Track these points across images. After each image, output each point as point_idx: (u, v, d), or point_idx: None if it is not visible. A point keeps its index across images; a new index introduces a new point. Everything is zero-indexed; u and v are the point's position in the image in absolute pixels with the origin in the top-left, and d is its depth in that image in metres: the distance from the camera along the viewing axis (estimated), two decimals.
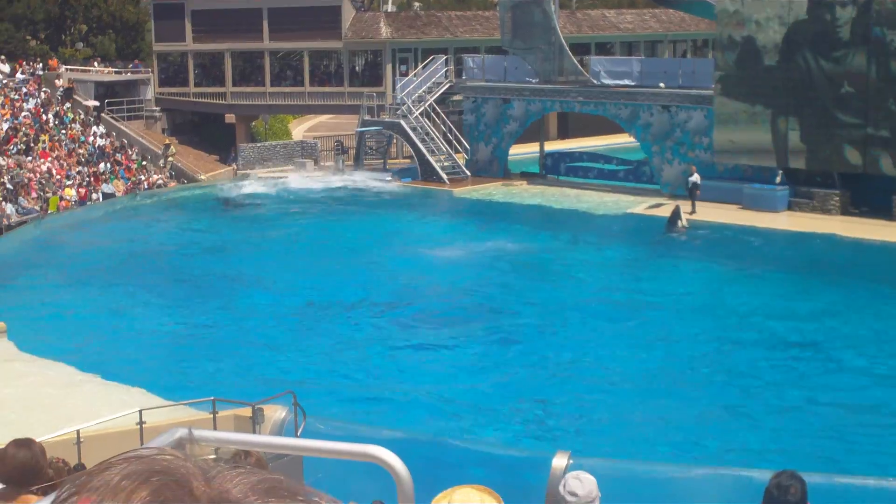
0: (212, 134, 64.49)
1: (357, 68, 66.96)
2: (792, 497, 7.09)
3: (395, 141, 58.19)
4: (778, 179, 45.32)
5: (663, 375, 26.13)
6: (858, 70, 42.91)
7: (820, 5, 43.73)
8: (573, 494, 7.27)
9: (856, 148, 43.10)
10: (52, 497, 1.54)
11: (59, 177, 52.33)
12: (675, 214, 42.58)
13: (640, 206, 46.98)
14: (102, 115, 60.41)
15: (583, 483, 7.32)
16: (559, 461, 9.47)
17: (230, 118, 66.46)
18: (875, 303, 32.43)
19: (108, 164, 55.74)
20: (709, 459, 20.03)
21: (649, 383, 25.51)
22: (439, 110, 55.77)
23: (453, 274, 36.94)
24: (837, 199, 44.13)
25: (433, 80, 56.53)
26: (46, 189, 50.40)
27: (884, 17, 42.31)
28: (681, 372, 26.52)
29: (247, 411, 16.93)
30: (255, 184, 54.40)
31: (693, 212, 44.08)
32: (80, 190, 51.74)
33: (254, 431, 16.04)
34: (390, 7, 79.53)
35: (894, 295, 33.06)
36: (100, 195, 52.11)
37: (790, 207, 44.85)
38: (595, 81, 51.88)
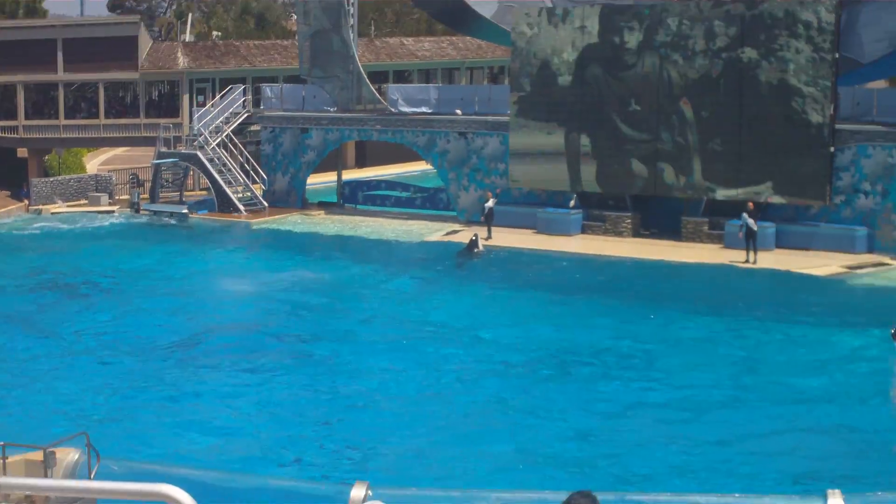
0: (2, 169, 62.88)
1: (154, 99, 66.25)
2: None
3: (191, 172, 57.57)
4: (571, 203, 46.35)
5: (454, 402, 26.33)
6: (645, 90, 44.37)
7: (610, 29, 45.04)
8: None
9: (645, 166, 44.50)
10: None
11: None
12: (473, 243, 43.15)
13: (437, 233, 47.39)
14: None
15: None
16: (357, 492, 9.54)
17: (22, 152, 64.87)
18: (660, 320, 33.60)
19: None
20: (505, 483, 20.41)
21: (441, 411, 25.68)
22: (237, 141, 55.41)
23: (247, 306, 36.68)
24: (629, 221, 45.35)
25: (231, 110, 56.15)
26: None
27: (667, 39, 43.84)
28: (471, 397, 26.74)
29: (38, 455, 16.62)
30: (46, 220, 53.29)
31: (489, 237, 44.76)
32: None
33: (45, 476, 15.78)
34: (188, 36, 78.92)
35: (677, 313, 34.29)
36: None
37: (584, 231, 45.91)
38: (393, 109, 52.21)
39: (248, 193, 53.50)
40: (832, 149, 41.64)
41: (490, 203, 45.85)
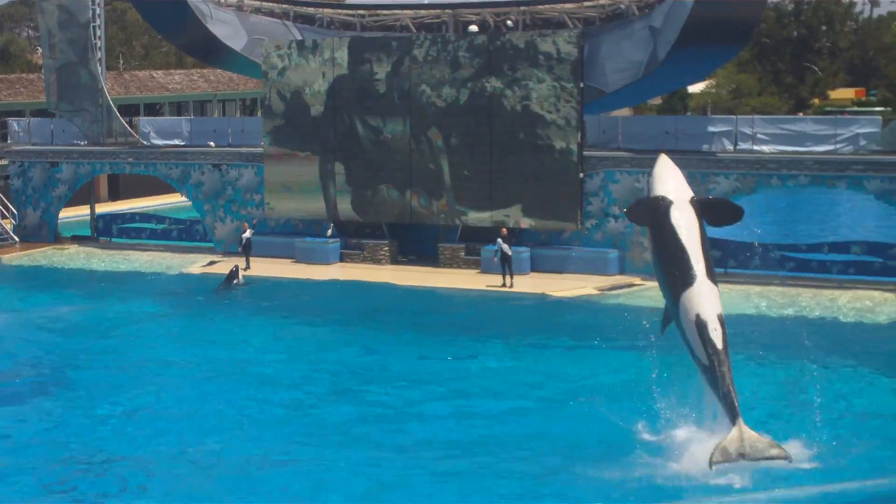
0: None
1: None
2: None
3: None
4: (329, 233, 46.64)
5: (217, 429, 26.18)
6: (396, 121, 45.05)
7: (359, 60, 45.56)
8: None
9: (399, 194, 45.13)
10: None
11: None
12: (232, 274, 42.95)
13: (194, 264, 47.01)
14: None
15: None
16: None
17: None
18: (416, 343, 34.34)
19: None
20: None
21: (207, 442, 25.45)
22: None
23: None
24: (387, 249, 45.85)
25: None
26: None
27: (415, 70, 44.59)
28: (233, 435, 26.52)
29: None
30: None
31: (247, 268, 44.65)
32: None
33: None
34: None
35: (437, 339, 34.91)
36: None
37: (342, 259, 46.24)
38: (145, 142, 51.65)
39: None
40: (581, 175, 42.93)
41: (247, 234, 45.75)
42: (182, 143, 51.11)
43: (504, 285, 41.17)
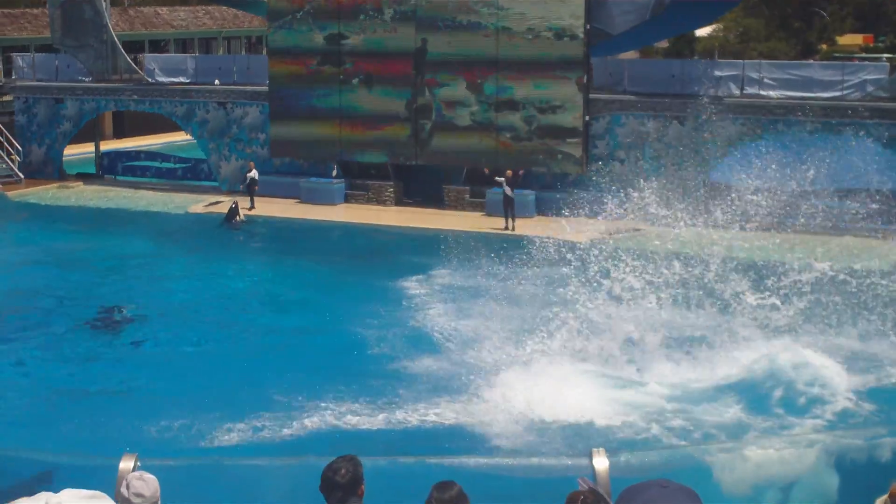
0: None
1: None
2: (341, 478, 7.55)
3: None
4: (334, 173, 46.52)
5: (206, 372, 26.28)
6: (400, 63, 44.72)
7: None
8: (139, 496, 7.43)
9: (404, 136, 44.98)
10: None
11: None
12: (232, 211, 42.97)
13: (199, 203, 46.99)
14: None
15: (147, 483, 7.49)
16: (126, 464, 9.57)
17: None
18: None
19: None
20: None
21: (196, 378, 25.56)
22: None
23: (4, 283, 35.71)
24: (392, 190, 45.78)
25: None
26: None
27: (421, 9, 44.22)
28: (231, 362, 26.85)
29: None
30: None
31: (252, 207, 44.66)
32: None
33: None
34: None
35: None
36: None
37: (347, 200, 46.17)
38: (150, 79, 51.48)
39: (4, 165, 52.01)
40: (587, 118, 42.79)
41: (252, 173, 45.64)
42: (187, 81, 50.92)
43: (507, 228, 41.05)
